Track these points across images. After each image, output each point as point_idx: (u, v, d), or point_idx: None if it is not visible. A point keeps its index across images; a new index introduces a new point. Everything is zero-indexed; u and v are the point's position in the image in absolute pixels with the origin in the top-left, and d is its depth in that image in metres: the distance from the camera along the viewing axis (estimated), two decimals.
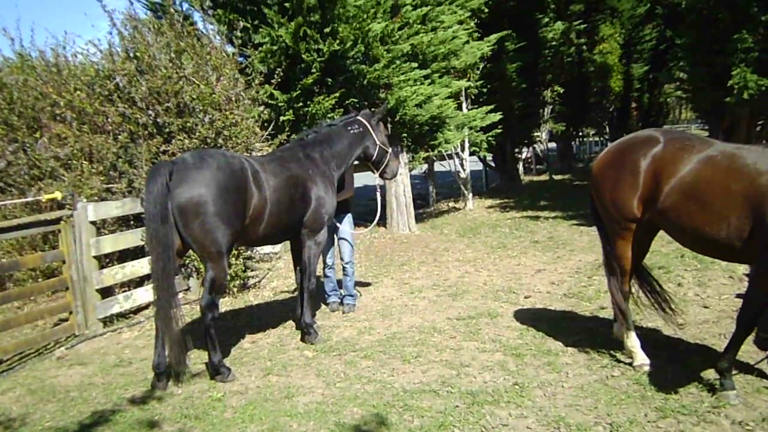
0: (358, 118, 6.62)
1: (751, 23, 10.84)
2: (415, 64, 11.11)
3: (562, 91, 22.44)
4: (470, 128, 14.49)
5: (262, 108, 9.02)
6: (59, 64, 9.21)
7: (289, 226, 5.83)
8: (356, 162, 6.88)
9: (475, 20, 14.47)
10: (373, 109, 6.97)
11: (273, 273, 9.33)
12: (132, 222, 7.96)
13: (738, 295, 6.47)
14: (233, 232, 5.10)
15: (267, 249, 9.80)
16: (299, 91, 9.81)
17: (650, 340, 5.34)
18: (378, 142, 6.62)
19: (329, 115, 9.80)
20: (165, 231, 4.79)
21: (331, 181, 6.17)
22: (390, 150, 6.80)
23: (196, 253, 5.36)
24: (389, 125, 11.24)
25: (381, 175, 6.94)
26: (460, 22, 12.83)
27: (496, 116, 14.72)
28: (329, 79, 10.18)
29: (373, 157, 6.68)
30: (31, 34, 18.36)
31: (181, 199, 4.84)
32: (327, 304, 7.34)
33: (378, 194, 7.51)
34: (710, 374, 4.58)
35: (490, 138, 15.45)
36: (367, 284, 8.33)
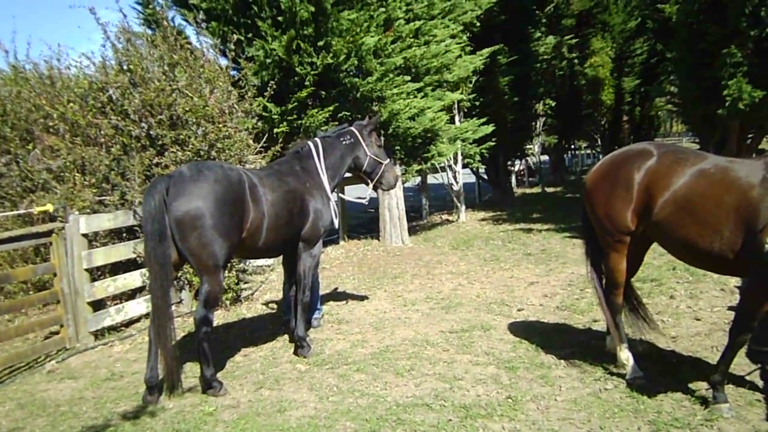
0: (351, 128, 6.64)
1: (740, 38, 10.96)
2: (408, 78, 11.17)
3: (554, 104, 22.60)
4: (463, 141, 14.54)
5: (255, 120, 9.04)
6: (53, 76, 9.22)
7: (288, 240, 5.83)
8: (348, 174, 6.89)
9: (468, 34, 14.56)
10: (368, 118, 6.98)
11: (266, 286, 9.30)
12: (124, 234, 7.93)
13: (730, 308, 6.50)
14: (230, 245, 5.09)
15: (260, 261, 9.78)
16: (293, 104, 9.83)
17: (643, 353, 5.35)
18: (368, 153, 6.62)
19: (323, 128, 9.82)
20: (163, 249, 4.79)
21: (327, 193, 6.18)
22: (385, 162, 6.77)
23: (192, 266, 5.36)
24: (382, 138, 11.27)
25: (375, 187, 6.94)
26: (453, 36, 12.91)
27: (489, 128, 14.79)
28: (323, 92, 10.22)
29: (364, 167, 6.67)
30: (27, 47, 18.35)
31: (178, 213, 4.84)
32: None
33: (366, 198, 7.23)
34: (703, 387, 4.60)
35: (482, 150, 15.49)
36: (361, 297, 8.31)
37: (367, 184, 6.94)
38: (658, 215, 4.53)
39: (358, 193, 8.84)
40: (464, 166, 16.52)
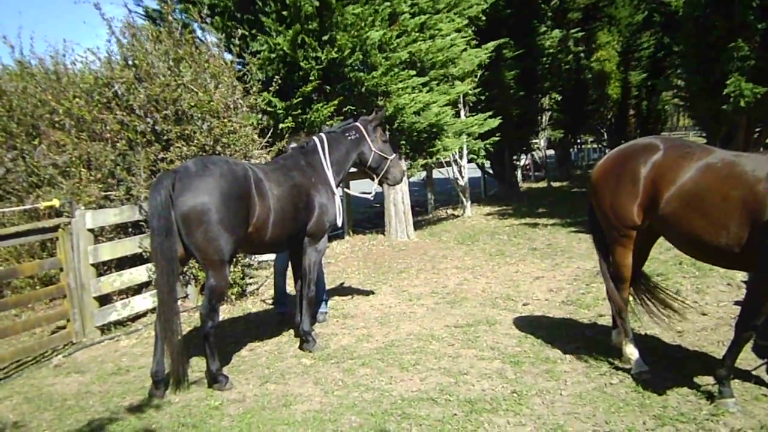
0: (356, 124, 6.63)
1: (747, 31, 10.89)
2: (413, 72, 11.13)
3: (560, 99, 22.50)
4: (468, 135, 14.50)
5: (260, 115, 9.04)
6: (58, 71, 9.23)
7: (293, 235, 5.84)
8: (354, 169, 6.89)
9: (473, 28, 14.50)
10: (371, 116, 6.98)
11: (271, 280, 9.29)
12: (130, 229, 7.95)
13: (736, 302, 6.47)
14: (236, 240, 5.10)
15: (265, 256, 9.78)
16: (298, 99, 9.82)
17: (648, 347, 5.34)
18: (373, 149, 6.60)
19: (328, 122, 9.81)
20: (169, 244, 4.81)
21: (332, 188, 6.18)
22: (390, 157, 6.75)
23: (198, 261, 5.37)
24: (388, 133, 11.25)
25: (381, 182, 6.94)
26: (458, 30, 12.86)
27: (495, 122, 14.74)
28: (328, 87, 10.20)
29: (368, 163, 6.65)
30: (31, 42, 18.50)
31: (184, 208, 4.85)
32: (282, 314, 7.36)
33: (371, 193, 7.38)
34: (709, 382, 4.58)
35: (488, 145, 15.46)
36: (366, 292, 8.32)
37: (373, 179, 6.94)
38: (664, 210, 4.51)
39: (364, 188, 8.89)
40: (470, 160, 16.49)
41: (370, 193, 7.29)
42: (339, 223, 6.35)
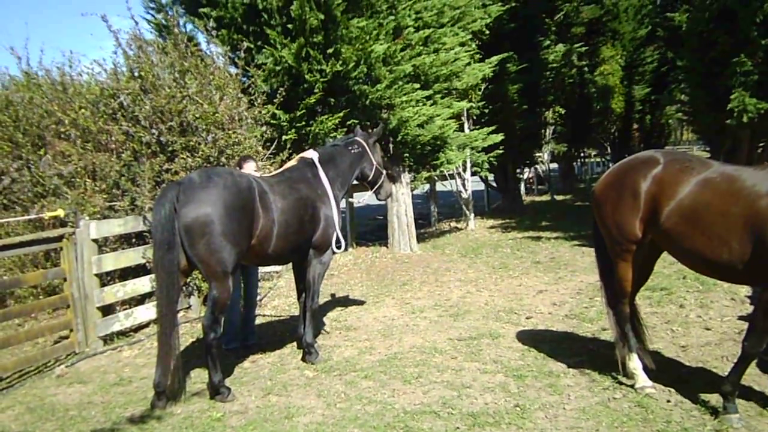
0: (357, 138, 6.69)
1: (750, 47, 10.92)
2: (417, 85, 11.18)
3: (563, 112, 22.53)
4: (472, 149, 14.54)
5: (264, 127, 9.08)
6: (65, 82, 9.29)
7: (298, 247, 5.85)
8: (355, 182, 6.95)
9: (477, 42, 14.58)
10: (370, 130, 7.07)
11: (274, 292, 9.31)
12: (134, 240, 7.97)
13: (740, 317, 6.45)
14: (239, 252, 5.11)
15: (268, 268, 9.79)
16: (302, 111, 9.87)
17: (652, 362, 5.31)
18: (375, 163, 6.72)
19: (332, 135, 9.86)
20: (171, 258, 4.82)
21: (337, 201, 6.21)
22: (385, 171, 6.87)
23: (201, 272, 5.38)
24: (391, 145, 11.30)
25: (375, 195, 7.03)
26: (462, 44, 12.92)
27: (498, 137, 14.77)
28: (332, 99, 10.25)
29: (369, 178, 6.78)
30: (40, 54, 18.63)
31: (187, 219, 4.86)
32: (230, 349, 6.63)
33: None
34: (713, 397, 4.56)
35: (491, 158, 15.48)
36: (369, 304, 8.31)
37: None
38: (665, 225, 4.49)
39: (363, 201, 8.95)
40: (473, 173, 16.51)
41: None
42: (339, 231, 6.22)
